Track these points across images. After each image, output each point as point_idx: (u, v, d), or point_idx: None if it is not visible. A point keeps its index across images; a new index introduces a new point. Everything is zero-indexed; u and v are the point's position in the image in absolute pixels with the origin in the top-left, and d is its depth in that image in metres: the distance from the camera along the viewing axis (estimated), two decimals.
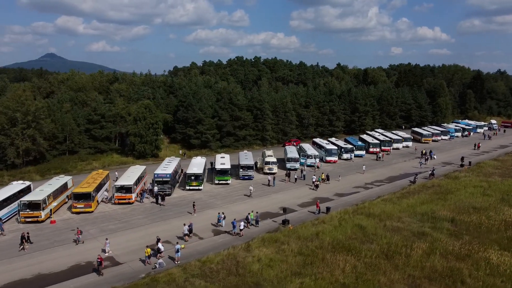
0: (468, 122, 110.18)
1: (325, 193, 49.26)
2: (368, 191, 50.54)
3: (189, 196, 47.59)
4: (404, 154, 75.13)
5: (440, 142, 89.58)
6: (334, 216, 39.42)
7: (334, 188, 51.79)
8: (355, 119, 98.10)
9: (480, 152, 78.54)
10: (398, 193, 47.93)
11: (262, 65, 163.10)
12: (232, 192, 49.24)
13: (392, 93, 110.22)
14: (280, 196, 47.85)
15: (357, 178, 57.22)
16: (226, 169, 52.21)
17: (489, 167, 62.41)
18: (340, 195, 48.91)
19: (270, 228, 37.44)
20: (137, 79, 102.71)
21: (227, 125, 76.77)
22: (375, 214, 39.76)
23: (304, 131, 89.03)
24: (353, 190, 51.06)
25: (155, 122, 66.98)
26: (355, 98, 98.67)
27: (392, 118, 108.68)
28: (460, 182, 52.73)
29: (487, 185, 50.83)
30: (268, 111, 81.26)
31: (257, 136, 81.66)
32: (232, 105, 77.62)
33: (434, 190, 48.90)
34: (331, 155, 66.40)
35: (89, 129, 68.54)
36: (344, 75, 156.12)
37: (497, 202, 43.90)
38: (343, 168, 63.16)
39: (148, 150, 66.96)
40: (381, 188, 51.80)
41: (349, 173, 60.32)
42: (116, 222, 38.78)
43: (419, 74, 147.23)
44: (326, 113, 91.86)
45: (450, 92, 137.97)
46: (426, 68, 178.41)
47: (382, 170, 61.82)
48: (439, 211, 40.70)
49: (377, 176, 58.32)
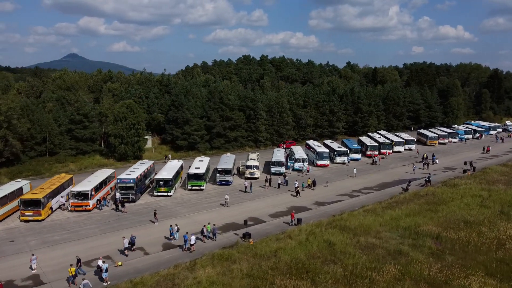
0: (480, 123, 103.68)
1: (305, 201, 44.97)
2: (352, 200, 46.00)
3: (155, 203, 44.05)
4: (405, 158, 69.97)
5: (448, 145, 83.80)
6: (304, 229, 35.17)
7: (317, 195, 47.44)
8: (357, 120, 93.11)
9: (489, 156, 72.72)
10: (385, 203, 43.27)
11: (268, 64, 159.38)
12: (204, 199, 45.45)
13: (399, 92, 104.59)
14: (254, 205, 43.80)
15: (346, 184, 52.67)
16: (200, 174, 48.44)
17: (495, 173, 56.92)
18: (321, 203, 44.52)
19: (228, 242, 33.46)
20: (132, 78, 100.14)
21: (216, 125, 73.06)
22: (350, 227, 35.34)
23: (302, 132, 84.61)
24: (336, 198, 46.59)
25: (137, 123, 63.76)
26: (358, 98, 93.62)
27: (399, 119, 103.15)
28: (458, 190, 47.65)
29: (487, 195, 45.64)
30: (261, 111, 77.21)
31: (250, 137, 77.76)
32: (223, 105, 73.82)
33: (426, 200, 44.04)
34: (322, 159, 61.88)
35: (71, 130, 65.85)
36: (353, 74, 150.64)
37: (494, 215, 38.84)
38: (334, 173, 58.64)
39: (130, 151, 63.83)
40: (368, 197, 47.17)
41: (339, 178, 55.80)
42: (64, 233, 35.46)
43: (431, 73, 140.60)
44: (325, 113, 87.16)
45: (465, 91, 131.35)
46: (442, 67, 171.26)
47: (375, 176, 57.03)
48: (424, 225, 35.99)
49: (368, 182, 53.61)
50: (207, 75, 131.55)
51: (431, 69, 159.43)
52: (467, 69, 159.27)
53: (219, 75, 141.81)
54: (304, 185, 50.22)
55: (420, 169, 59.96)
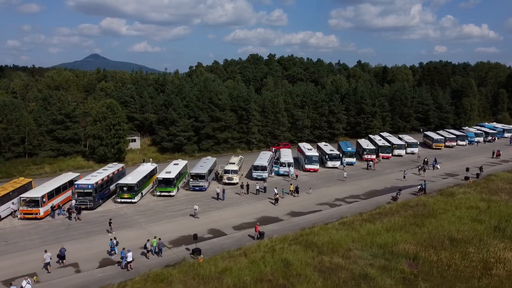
0: (494, 125, 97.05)
1: (279, 211, 40.87)
2: (332, 210, 41.67)
3: (116, 210, 40.74)
4: (405, 162, 64.88)
5: (455, 148, 78.05)
6: (263, 245, 31.17)
7: (295, 204, 43.26)
8: (360, 121, 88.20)
9: (498, 161, 66.94)
10: (367, 214, 38.81)
11: (276, 63, 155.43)
12: (170, 207, 41.89)
13: (407, 92, 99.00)
14: (221, 214, 39.94)
15: (331, 191, 48.29)
16: (170, 179, 44.89)
17: (500, 181, 51.55)
18: (296, 214, 40.33)
19: (175, 259, 29.74)
20: (128, 77, 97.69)
21: (205, 126, 69.55)
22: (317, 244, 31.13)
23: (298, 134, 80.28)
24: (315, 207, 42.32)
25: (117, 123, 60.78)
26: (361, 98, 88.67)
27: (406, 120, 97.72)
28: (453, 201, 42.73)
29: (486, 206, 40.61)
30: (254, 112, 73.31)
31: (242, 139, 73.95)
32: (212, 105, 70.23)
33: (414, 212, 39.36)
34: (311, 163, 57.53)
35: (52, 130, 63.34)
36: (363, 73, 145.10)
37: (487, 231, 33.97)
38: (322, 179, 54.28)
39: (110, 153, 60.88)
40: (350, 206, 42.73)
41: (326, 184, 51.44)
42: (1, 244, 32.37)
43: (446, 72, 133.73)
44: (324, 114, 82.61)
45: (480, 91, 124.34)
46: (459, 66, 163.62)
47: (366, 182, 52.41)
48: (403, 242, 31.48)
49: (357, 189, 49.07)
50: (210, 75, 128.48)
51: (446, 68, 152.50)
52: (485, 68, 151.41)
53: (224, 74, 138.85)
54: (284, 192, 46.20)
55: (417, 175, 55.03)
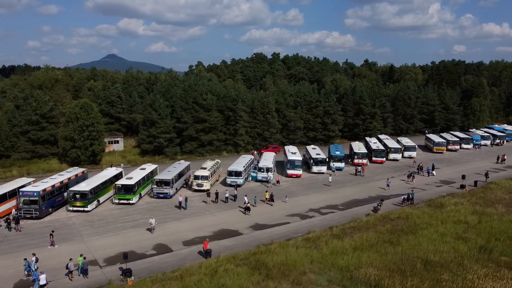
0: (504, 127, 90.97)
1: (242, 223, 36.87)
2: (301, 223, 37.43)
3: (65, 220, 37.38)
4: (399, 167, 60.05)
5: (458, 152, 72.64)
6: (206, 265, 27.24)
7: (263, 214, 39.21)
8: (359, 122, 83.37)
9: (503, 166, 61.57)
10: (338, 229, 34.50)
11: (281, 62, 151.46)
12: (124, 217, 38.27)
13: (411, 92, 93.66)
14: (176, 226, 36.13)
15: (309, 200, 44.02)
16: (129, 185, 41.34)
17: (500, 190, 46.52)
18: (259, 227, 36.26)
19: (101, 281, 26.05)
20: (119, 76, 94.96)
21: (188, 128, 65.94)
22: (268, 265, 27.03)
23: (291, 136, 76.00)
24: (284, 219, 38.15)
25: (90, 124, 57.61)
26: (360, 98, 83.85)
27: (410, 121, 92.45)
28: (440, 213, 38.06)
29: (476, 221, 35.87)
30: (242, 112, 69.34)
31: (229, 141, 70.08)
32: (196, 105, 66.56)
33: (392, 226, 34.88)
34: (294, 168, 53.29)
35: (27, 131, 60.61)
36: (370, 72, 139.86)
37: (470, 253, 29.31)
38: (304, 185, 50.03)
39: (83, 156, 57.78)
40: (323, 219, 38.43)
41: (306, 192, 47.18)
42: None
43: (456, 71, 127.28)
44: (319, 115, 78.12)
45: (492, 91, 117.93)
46: (472, 65, 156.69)
47: (349, 190, 47.94)
48: (369, 265, 27.14)
49: (337, 198, 44.68)
50: (207, 74, 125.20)
51: (459, 67, 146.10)
52: (499, 67, 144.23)
53: (225, 74, 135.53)
54: (256, 200, 42.22)
55: (406, 183, 50.35)
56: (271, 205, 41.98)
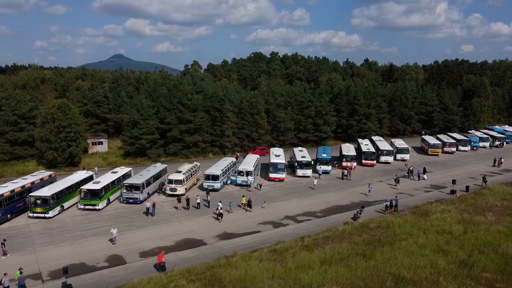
0: (505, 129, 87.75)
1: (208, 232, 34.47)
2: (273, 232, 34.96)
3: (22, 227, 35.27)
4: (390, 170, 57.31)
5: (455, 154, 69.68)
6: (155, 282, 24.89)
7: (235, 222, 36.83)
8: (353, 123, 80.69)
9: (500, 170, 58.64)
10: (311, 238, 32.00)
11: (279, 61, 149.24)
12: (86, 224, 36.05)
13: (408, 92, 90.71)
14: (139, 234, 33.81)
15: (287, 206, 41.57)
16: (95, 190, 39.15)
17: (493, 196, 43.71)
18: (227, 236, 33.85)
19: None
20: (108, 76, 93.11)
21: (172, 129, 63.73)
22: (224, 281, 24.65)
23: (281, 137, 73.54)
24: (256, 227, 35.73)
25: (67, 125, 55.57)
26: (354, 98, 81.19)
27: (407, 122, 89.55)
28: (424, 222, 35.43)
29: (462, 231, 33.19)
30: (229, 113, 67.02)
31: (215, 142, 67.76)
32: (181, 105, 64.34)
33: (370, 236, 32.34)
34: (277, 171, 50.83)
35: (5, 132, 58.72)
36: (370, 72, 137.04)
37: (449, 268, 26.68)
38: (286, 190, 47.58)
39: (60, 158, 55.77)
40: (297, 227, 35.95)
41: (286, 197, 44.74)
42: None
43: (457, 71, 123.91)
44: (310, 115, 75.57)
45: (495, 92, 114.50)
46: (476, 64, 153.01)
47: (332, 195, 45.38)
48: (333, 282, 24.65)
49: (317, 204, 42.13)
50: (205, 74, 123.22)
51: (462, 66, 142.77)
52: (503, 67, 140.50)
53: (221, 73, 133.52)
54: (231, 206, 39.87)
55: (393, 188, 47.73)
56: (249, 211, 39.66)
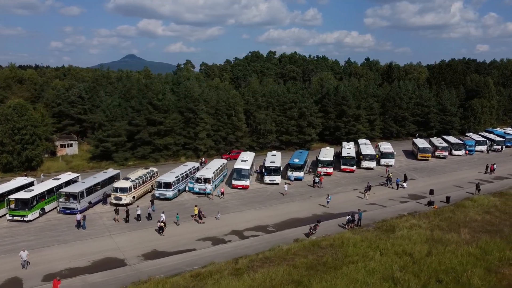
0: (506, 131, 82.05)
1: (137, 249, 30.44)
2: (209, 250, 30.72)
3: None
4: (370, 177, 52.58)
5: (448, 159, 64.58)
6: None
7: (172, 237, 32.75)
8: (340, 125, 76.04)
9: (492, 177, 53.56)
10: (246, 260, 27.71)
11: (276, 60, 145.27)
12: (5, 239, 32.35)
13: (403, 92, 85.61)
14: (56, 252, 29.90)
15: (241, 217, 37.40)
16: (24, 200, 35.48)
17: (474, 209, 38.87)
18: (155, 255, 29.75)
19: None
20: (89, 75, 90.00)
21: (140, 131, 60.03)
22: None
23: (261, 140, 69.28)
24: (192, 244, 31.53)
25: (23, 127, 52.24)
26: (342, 98, 76.53)
27: (401, 124, 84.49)
28: (386, 240, 30.93)
29: (424, 252, 28.60)
30: (203, 114, 63.08)
31: (189, 145, 63.83)
32: (151, 106, 60.59)
33: (316, 258, 27.94)
34: (240, 178, 46.60)
35: None
36: (369, 71, 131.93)
37: None
38: (247, 198, 43.37)
39: (16, 162, 52.47)
40: (239, 245, 31.64)
41: (244, 207, 40.53)
42: None
43: (461, 70, 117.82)
44: (293, 117, 71.15)
45: (499, 92, 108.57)
46: (483, 64, 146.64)
47: (293, 206, 40.92)
48: None
49: (273, 216, 37.75)
50: (196, 73, 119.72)
51: (469, 65, 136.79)
52: (510, 66, 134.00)
53: (215, 73, 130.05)
54: (178, 218, 35.89)
55: (361, 198, 43.15)
56: (200, 222, 35.77)
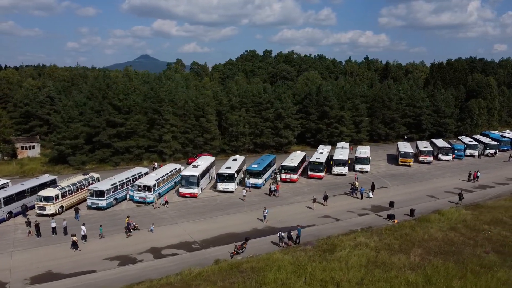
0: (503, 135, 76.35)
1: (32, 270, 26.71)
2: (111, 272, 26.61)
3: None
4: (339, 185, 48.24)
5: (432, 164, 59.55)
6: None
7: (78, 256, 28.95)
8: (322, 127, 71.53)
9: (473, 186, 48.57)
10: (145, 286, 23.81)
11: (272, 59, 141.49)
12: None
13: (392, 93, 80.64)
14: None
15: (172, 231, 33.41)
16: None
17: (438, 225, 34.23)
18: (48, 277, 25.89)
19: None
20: (66, 74, 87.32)
21: (99, 133, 56.62)
22: None
23: (233, 142, 65.27)
24: (97, 264, 27.53)
25: None
26: (324, 99, 72.01)
27: (390, 126, 79.54)
28: (319, 263, 26.60)
29: (355, 281, 24.26)
30: (168, 115, 59.40)
31: (154, 148, 60.16)
32: (111, 106, 57.15)
33: (225, 285, 23.85)
34: (189, 186, 42.65)
35: None
36: (367, 71, 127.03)
37: None
38: (191, 208, 39.40)
39: None
40: (147, 266, 27.55)
41: (181, 219, 36.55)
42: None
43: (463, 69, 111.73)
44: (269, 118, 66.96)
45: (503, 92, 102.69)
46: (491, 63, 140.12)
47: (235, 219, 36.66)
48: None
49: (207, 231, 33.53)
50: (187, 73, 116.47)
51: (474, 64, 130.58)
52: None
53: (207, 73, 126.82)
54: (101, 230, 32.19)
55: (310, 209, 38.77)
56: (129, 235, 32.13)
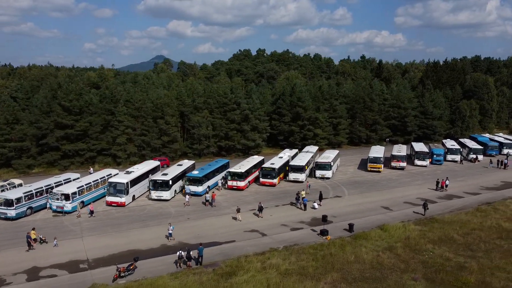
0: (492, 138, 70.85)
1: None
2: None
3: None
4: (289, 193, 44.11)
5: (406, 170, 54.77)
6: None
7: None
8: (295, 129, 67.32)
9: (441, 195, 43.81)
10: None
11: (265, 58, 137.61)
12: None
13: (374, 93, 75.88)
14: None
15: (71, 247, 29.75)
16: None
17: (374, 244, 29.93)
18: None
19: None
20: (36, 74, 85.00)
21: (47, 135, 53.64)
22: None
23: (195, 145, 61.59)
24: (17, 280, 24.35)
25: None
26: (298, 99, 67.81)
27: (372, 128, 74.84)
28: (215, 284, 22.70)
29: None
30: (122, 116, 56.13)
31: (108, 151, 56.95)
32: (59, 107, 54.14)
33: None
34: (116, 194, 39.08)
35: None
36: (361, 70, 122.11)
37: None
38: (112, 220, 35.85)
39: None
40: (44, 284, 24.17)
41: (92, 232, 32.99)
42: None
43: (460, 69, 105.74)
44: (234, 120, 63.07)
45: (502, 92, 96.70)
46: (497, 62, 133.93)
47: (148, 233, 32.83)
48: None
49: (110, 246, 29.74)
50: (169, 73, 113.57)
51: (478, 64, 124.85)
52: None
53: (195, 72, 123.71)
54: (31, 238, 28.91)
55: (239, 221, 34.72)
56: (32, 249, 28.89)
